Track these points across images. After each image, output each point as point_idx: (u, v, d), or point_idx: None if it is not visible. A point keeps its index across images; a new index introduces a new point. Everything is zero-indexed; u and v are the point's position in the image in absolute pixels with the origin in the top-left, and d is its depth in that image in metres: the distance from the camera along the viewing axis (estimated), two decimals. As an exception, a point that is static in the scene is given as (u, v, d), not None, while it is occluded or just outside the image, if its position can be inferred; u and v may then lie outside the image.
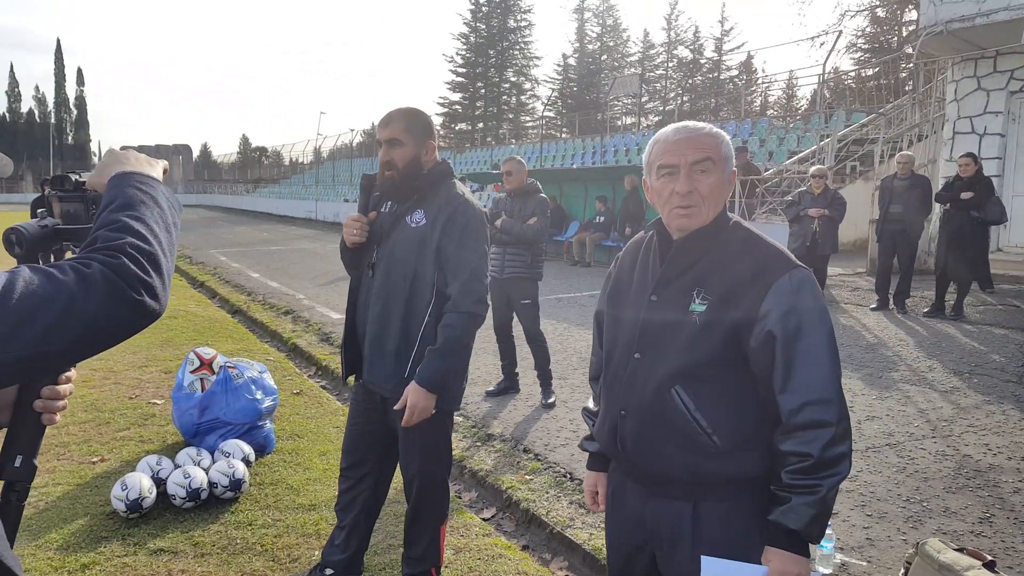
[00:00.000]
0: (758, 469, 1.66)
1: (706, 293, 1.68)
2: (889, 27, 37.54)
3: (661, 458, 1.72)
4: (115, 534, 3.47)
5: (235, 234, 24.92)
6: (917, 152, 14.44)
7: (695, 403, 1.67)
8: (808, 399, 1.59)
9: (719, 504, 1.70)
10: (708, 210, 1.72)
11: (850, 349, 7.23)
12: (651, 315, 1.75)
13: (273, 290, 11.60)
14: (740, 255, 1.70)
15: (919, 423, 5.07)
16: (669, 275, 1.75)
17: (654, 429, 1.72)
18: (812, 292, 1.64)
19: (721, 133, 1.76)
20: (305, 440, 4.79)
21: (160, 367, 6.57)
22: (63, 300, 0.89)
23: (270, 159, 68.57)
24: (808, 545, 1.62)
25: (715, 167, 1.71)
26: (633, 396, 1.76)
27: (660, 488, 1.76)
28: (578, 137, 30.91)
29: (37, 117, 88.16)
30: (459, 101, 58.72)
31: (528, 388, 5.85)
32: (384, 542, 3.44)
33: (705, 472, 1.68)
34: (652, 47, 57.40)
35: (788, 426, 1.61)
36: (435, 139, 2.72)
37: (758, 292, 1.63)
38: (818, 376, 1.60)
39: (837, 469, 1.58)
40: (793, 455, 1.59)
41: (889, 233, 9.17)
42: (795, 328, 1.60)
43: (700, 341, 1.67)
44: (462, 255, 2.61)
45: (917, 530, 3.52)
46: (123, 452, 4.49)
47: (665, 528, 1.76)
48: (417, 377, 2.56)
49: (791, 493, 1.58)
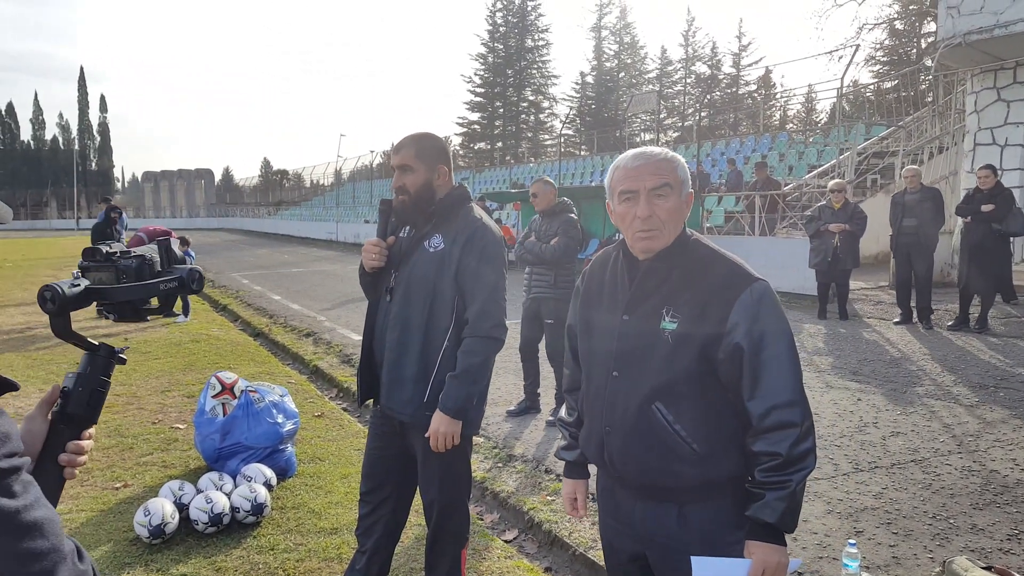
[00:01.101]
0: (737, 469, 1.78)
1: (675, 311, 1.78)
2: (907, 39, 37.36)
3: (647, 469, 1.83)
4: (138, 560, 3.50)
5: (256, 257, 25.19)
6: (938, 164, 14.32)
7: (675, 416, 1.78)
8: (774, 403, 1.71)
9: (703, 505, 1.81)
10: (668, 232, 1.81)
11: (874, 364, 7.15)
12: (624, 334, 1.84)
13: (294, 312, 11.70)
14: (704, 272, 1.80)
15: (944, 438, 4.99)
16: (639, 295, 1.84)
17: (638, 444, 1.82)
18: (772, 303, 1.75)
19: (676, 158, 1.86)
20: (327, 463, 4.81)
21: (182, 391, 6.64)
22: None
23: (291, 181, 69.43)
24: (784, 536, 1.73)
25: (672, 191, 1.80)
26: (616, 414, 1.85)
27: (647, 494, 1.87)
28: (597, 154, 30.98)
29: (61, 144, 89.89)
30: (478, 121, 59.18)
31: (549, 408, 5.84)
32: (406, 566, 3.44)
33: (687, 477, 1.78)
34: (670, 63, 57.65)
35: (758, 429, 1.73)
36: (448, 163, 2.74)
37: (724, 307, 1.73)
38: (782, 381, 1.72)
39: (804, 464, 1.71)
40: (764, 455, 1.71)
41: (904, 247, 9.13)
42: (759, 339, 1.71)
43: (674, 358, 1.76)
44: (480, 279, 2.63)
45: (944, 548, 3.46)
46: (146, 477, 4.54)
47: (653, 529, 1.86)
48: (440, 405, 2.57)
49: (764, 490, 1.70)
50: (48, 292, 1.15)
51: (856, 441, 4.96)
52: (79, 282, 1.20)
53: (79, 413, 1.24)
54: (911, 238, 9.01)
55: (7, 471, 0.86)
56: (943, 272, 12.06)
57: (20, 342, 9.10)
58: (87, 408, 1.25)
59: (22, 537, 0.84)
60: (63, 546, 0.89)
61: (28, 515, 0.85)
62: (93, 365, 1.27)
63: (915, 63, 30.82)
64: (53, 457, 1.20)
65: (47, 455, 1.20)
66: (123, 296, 1.25)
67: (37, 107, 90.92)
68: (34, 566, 0.84)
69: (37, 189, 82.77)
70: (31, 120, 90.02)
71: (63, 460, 1.21)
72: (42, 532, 0.86)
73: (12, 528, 0.84)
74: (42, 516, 0.87)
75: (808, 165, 17.24)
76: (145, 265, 1.27)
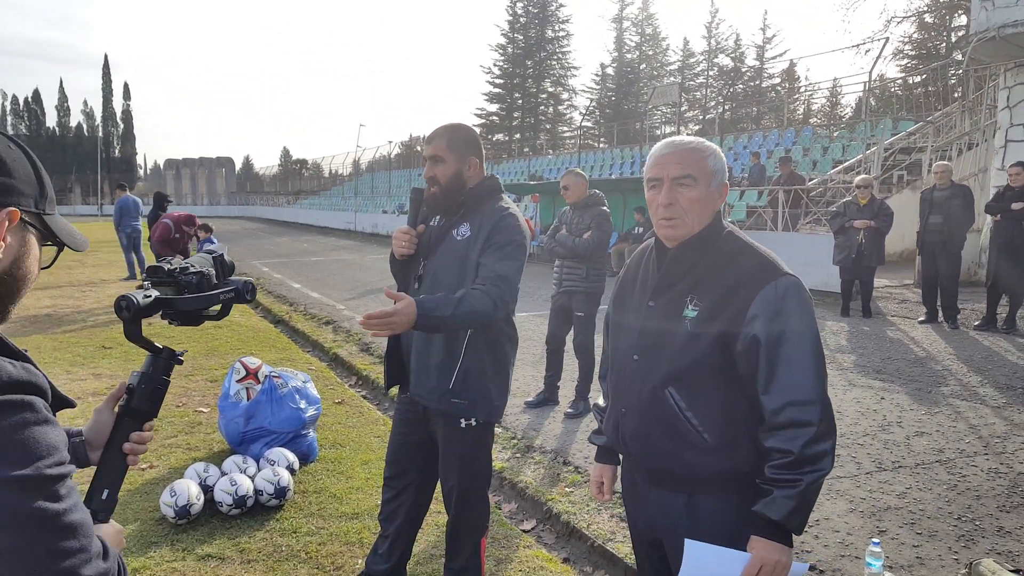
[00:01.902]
0: (748, 464, 1.77)
1: (698, 300, 1.79)
2: (937, 33, 36.80)
3: (657, 453, 1.85)
4: (164, 539, 3.55)
5: (276, 245, 25.35)
6: (967, 161, 14.12)
7: (687, 403, 1.79)
8: (790, 399, 1.69)
9: (712, 496, 1.82)
10: (691, 221, 1.81)
11: (898, 363, 7.07)
12: (648, 320, 1.87)
13: (314, 300, 11.77)
14: (730, 263, 1.80)
15: (970, 439, 4.93)
16: (665, 283, 1.87)
17: (650, 426, 1.85)
18: (799, 300, 1.74)
19: (707, 148, 1.84)
20: (347, 449, 4.84)
21: (205, 376, 6.71)
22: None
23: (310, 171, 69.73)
24: (791, 536, 1.72)
25: (697, 183, 1.80)
26: (632, 395, 1.88)
27: (659, 480, 1.89)
28: (616, 147, 30.84)
29: (85, 131, 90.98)
30: (496, 112, 59.04)
31: (567, 400, 5.84)
32: (426, 552, 3.46)
33: (697, 466, 1.80)
34: (692, 55, 57.18)
35: (770, 424, 1.71)
36: (479, 154, 2.74)
37: (745, 299, 1.73)
38: (801, 379, 1.70)
39: (819, 465, 1.68)
40: (775, 451, 1.70)
41: (930, 244, 9.00)
42: (779, 333, 1.70)
43: (691, 346, 1.77)
44: (501, 259, 2.60)
45: (969, 549, 3.42)
46: (171, 459, 4.60)
47: (664, 516, 1.89)
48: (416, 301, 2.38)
49: (773, 486, 1.69)
50: (124, 302, 1.30)
51: (879, 440, 4.91)
52: (150, 293, 1.35)
53: (142, 408, 1.39)
54: (937, 236, 8.88)
55: (55, 478, 0.95)
56: (970, 271, 11.89)
57: (47, 324, 9.23)
58: (149, 403, 1.39)
59: (60, 537, 0.94)
60: (91, 546, 0.99)
61: (67, 518, 0.96)
62: (155, 366, 1.40)
63: (944, 57, 30.36)
64: (119, 445, 1.36)
65: (113, 444, 1.37)
66: (188, 306, 1.40)
67: (62, 94, 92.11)
68: (64, 562, 0.95)
69: (61, 175, 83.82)
70: (56, 107, 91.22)
71: (127, 448, 1.37)
72: (75, 534, 0.96)
73: (53, 528, 0.94)
74: (78, 519, 0.98)
75: (833, 160, 17.05)
76: (204, 280, 1.42)
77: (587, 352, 5.66)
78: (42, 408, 0.98)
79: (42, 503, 0.93)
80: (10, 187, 1.05)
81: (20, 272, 1.09)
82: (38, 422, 0.96)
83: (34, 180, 1.10)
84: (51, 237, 1.14)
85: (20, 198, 1.06)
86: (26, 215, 1.08)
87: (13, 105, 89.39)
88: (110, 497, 1.34)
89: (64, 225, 1.17)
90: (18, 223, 1.06)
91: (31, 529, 0.92)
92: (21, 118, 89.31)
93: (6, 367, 0.95)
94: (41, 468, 0.94)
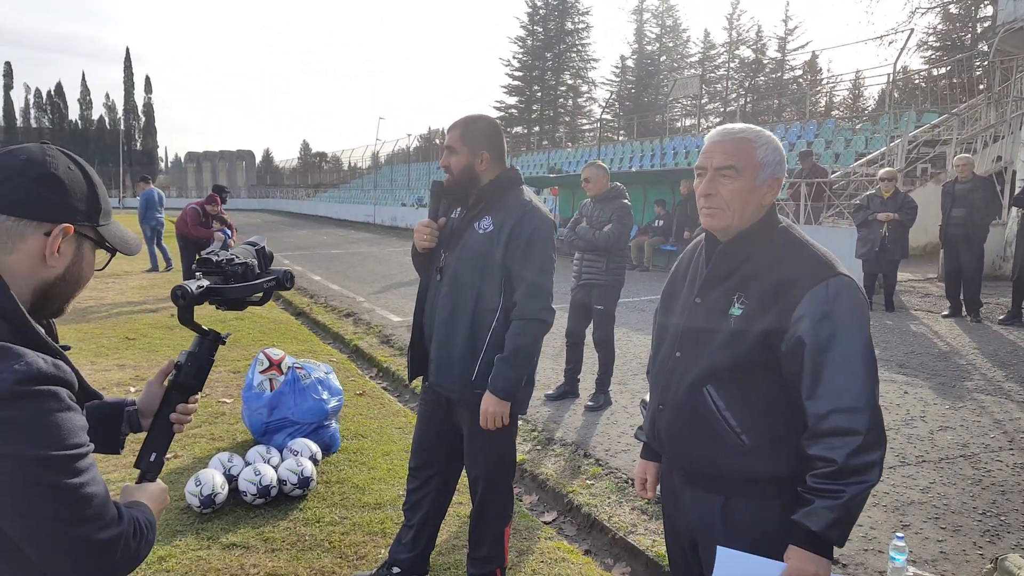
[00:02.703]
0: (789, 470, 1.69)
1: (745, 298, 1.72)
2: (963, 24, 36.20)
3: (691, 452, 1.81)
4: (189, 528, 3.60)
5: (296, 238, 25.51)
6: (992, 153, 13.91)
7: (725, 403, 1.73)
8: (836, 406, 1.61)
9: (749, 502, 1.76)
10: (732, 214, 1.75)
11: (921, 357, 7.00)
12: (693, 316, 1.82)
13: (334, 293, 11.84)
14: (782, 261, 1.72)
15: (995, 434, 4.88)
16: (712, 279, 1.81)
17: (685, 424, 1.80)
18: (851, 300, 1.65)
19: (757, 139, 1.76)
20: (369, 440, 4.88)
21: (228, 367, 6.77)
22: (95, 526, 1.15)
23: (330, 164, 70.04)
24: (832, 548, 1.64)
25: (740, 174, 1.73)
26: (670, 392, 1.84)
27: (695, 480, 1.84)
28: (636, 139, 30.68)
29: (107, 124, 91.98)
30: (515, 104, 58.90)
31: (587, 393, 5.84)
32: (449, 542, 3.48)
33: (732, 469, 1.74)
34: (713, 47, 56.72)
35: (814, 431, 1.64)
36: (493, 148, 2.72)
37: (793, 298, 1.65)
38: (849, 385, 1.62)
39: (865, 477, 1.60)
40: (819, 460, 1.62)
41: (953, 238, 8.90)
42: (828, 336, 1.62)
43: (733, 344, 1.71)
44: (528, 261, 2.63)
45: (995, 545, 3.39)
46: (195, 449, 4.65)
47: (699, 518, 1.84)
48: (490, 386, 2.61)
49: (815, 496, 1.62)
50: (180, 291, 1.45)
51: (903, 434, 4.87)
52: (202, 283, 1.50)
53: (188, 383, 1.55)
54: (960, 229, 8.78)
55: (74, 456, 1.12)
56: (995, 265, 11.73)
57: (71, 316, 9.30)
58: (195, 379, 1.55)
59: (77, 505, 1.11)
60: (106, 514, 1.16)
61: (84, 490, 1.12)
62: (202, 346, 1.55)
63: (970, 48, 29.88)
64: (166, 416, 1.53)
65: (162, 413, 1.53)
66: (235, 294, 1.54)
67: (85, 87, 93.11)
68: (81, 527, 1.12)
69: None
70: (79, 100, 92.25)
71: (173, 418, 1.54)
72: (91, 503, 1.13)
73: (72, 498, 1.11)
74: (93, 491, 1.14)
75: (855, 153, 16.86)
76: (249, 270, 1.57)
77: (607, 346, 5.65)
78: (66, 397, 1.13)
79: (62, 478, 1.09)
80: (67, 205, 1.23)
81: (74, 276, 1.28)
82: (61, 409, 1.12)
83: (90, 196, 1.27)
84: (104, 244, 1.32)
85: (75, 214, 1.24)
86: (80, 228, 1.26)
87: (36, 98, 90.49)
88: (157, 459, 1.51)
89: (118, 232, 1.35)
90: (73, 235, 1.24)
91: (52, 499, 1.09)
92: (44, 111, 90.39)
93: (38, 362, 1.11)
94: (62, 448, 1.10)
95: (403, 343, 7.81)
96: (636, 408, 5.49)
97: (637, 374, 6.49)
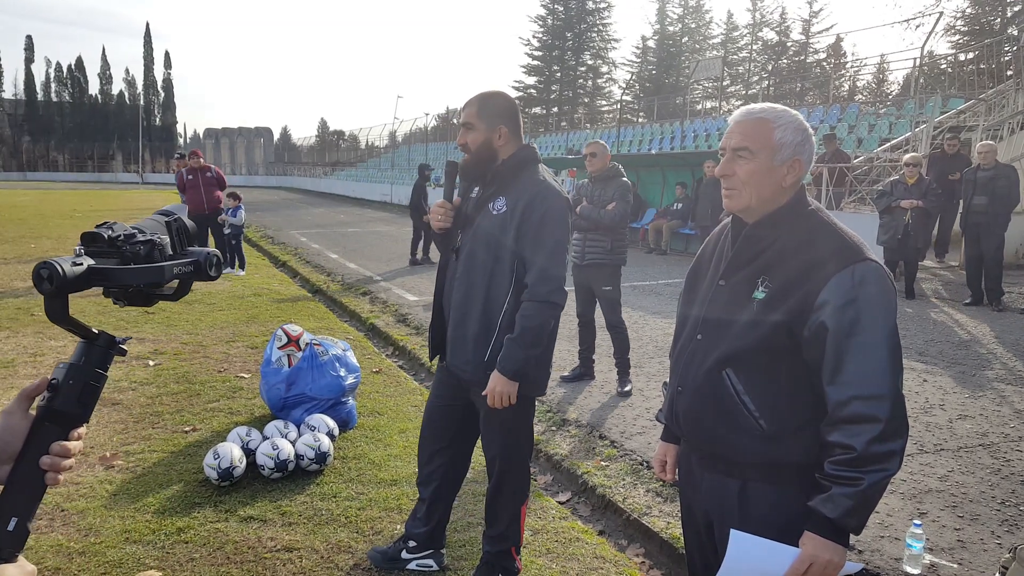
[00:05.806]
0: (807, 456, 1.67)
1: (769, 281, 1.69)
2: (992, 7, 35.45)
3: (708, 435, 1.79)
4: (207, 500, 3.64)
5: (314, 216, 25.58)
6: (1019, 141, 13.67)
7: (745, 387, 1.71)
8: (857, 393, 1.58)
9: (766, 487, 1.74)
10: (749, 195, 1.73)
11: (941, 345, 6.93)
12: (716, 299, 1.80)
13: (351, 271, 11.88)
14: (808, 244, 1.68)
15: (1015, 424, 4.83)
16: (737, 262, 1.78)
17: (703, 407, 1.78)
18: (878, 286, 1.61)
19: (778, 119, 1.73)
20: (385, 417, 4.91)
21: (246, 342, 6.83)
22: None
23: (347, 142, 70.08)
24: (848, 535, 1.63)
25: (755, 156, 1.71)
26: (689, 374, 1.82)
27: (712, 464, 1.83)
28: (656, 122, 30.42)
29: (127, 99, 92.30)
30: (534, 85, 58.46)
31: (603, 375, 5.84)
32: (464, 520, 3.51)
33: (750, 453, 1.72)
34: (736, 29, 55.91)
35: (834, 417, 1.62)
36: (511, 124, 2.69)
37: (817, 283, 1.62)
38: (872, 371, 1.58)
39: (884, 465, 1.58)
40: (838, 446, 1.60)
41: (974, 226, 8.80)
42: (851, 321, 1.58)
43: (755, 327, 1.69)
44: (540, 242, 2.61)
45: (1013, 534, 3.37)
46: (213, 423, 4.70)
47: (716, 501, 1.83)
48: (498, 366, 2.60)
49: (832, 483, 1.60)
50: (46, 271, 0.98)
51: (921, 423, 4.84)
52: (81, 261, 1.03)
53: (68, 409, 1.07)
54: (981, 217, 8.67)
55: None
56: (1017, 253, 11.57)
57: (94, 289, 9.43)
58: (78, 404, 1.07)
59: None
60: None
61: None
62: (89, 356, 1.09)
63: (999, 33, 29.29)
64: (34, 459, 1.04)
65: (27, 456, 1.04)
66: (130, 280, 1.08)
67: (104, 62, 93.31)
68: None
69: (104, 143, 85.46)
70: (99, 75, 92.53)
71: (45, 463, 1.04)
72: None
73: None
74: None
75: (879, 138, 16.61)
76: (155, 250, 1.11)
77: (619, 329, 5.62)
78: None
79: None
80: None
81: None
82: None
83: None
84: None
85: None
86: None
87: (57, 72, 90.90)
88: (20, 527, 1.02)
89: None
90: None
91: None
92: (65, 85, 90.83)
93: None
94: None
95: (419, 322, 7.83)
96: (652, 391, 5.48)
97: (653, 357, 6.47)
